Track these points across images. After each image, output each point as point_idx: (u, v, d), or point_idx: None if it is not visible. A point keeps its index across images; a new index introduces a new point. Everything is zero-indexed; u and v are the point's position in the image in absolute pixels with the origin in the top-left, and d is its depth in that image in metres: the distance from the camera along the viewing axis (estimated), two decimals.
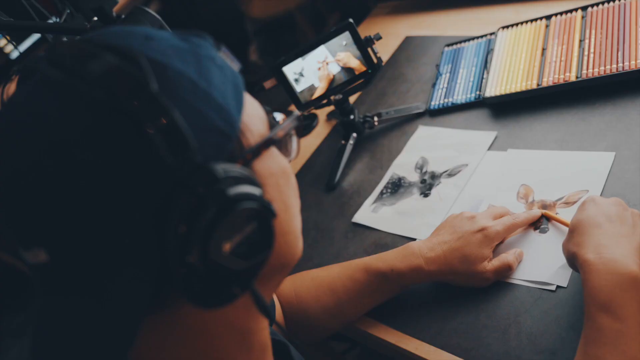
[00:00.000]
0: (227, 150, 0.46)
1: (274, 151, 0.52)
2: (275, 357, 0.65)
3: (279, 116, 0.55)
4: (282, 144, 0.54)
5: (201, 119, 0.44)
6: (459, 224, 0.90)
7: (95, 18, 0.73)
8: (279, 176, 0.52)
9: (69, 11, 0.93)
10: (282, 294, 0.98)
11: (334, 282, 0.95)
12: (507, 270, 0.89)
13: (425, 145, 1.23)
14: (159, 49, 0.46)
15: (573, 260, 0.75)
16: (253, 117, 0.51)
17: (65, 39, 0.84)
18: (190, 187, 0.41)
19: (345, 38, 1.21)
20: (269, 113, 0.55)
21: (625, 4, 1.14)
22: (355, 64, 1.23)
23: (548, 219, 0.93)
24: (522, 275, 0.89)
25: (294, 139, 0.57)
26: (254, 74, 1.27)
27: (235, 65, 0.52)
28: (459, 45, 1.40)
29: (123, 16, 0.73)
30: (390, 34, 1.64)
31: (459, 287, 0.92)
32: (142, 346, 0.49)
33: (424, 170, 1.18)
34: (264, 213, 0.45)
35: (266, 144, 0.50)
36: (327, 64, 1.24)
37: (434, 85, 1.34)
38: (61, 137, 0.42)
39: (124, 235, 0.42)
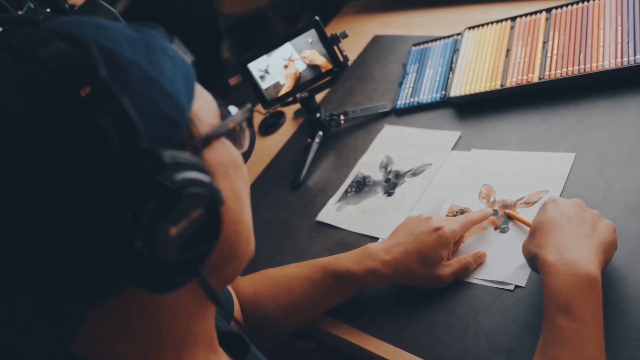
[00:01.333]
0: (177, 138, 0.46)
1: (224, 142, 0.52)
2: (230, 348, 0.65)
3: (233, 109, 0.55)
4: (233, 136, 0.54)
5: (150, 106, 0.45)
6: (415, 225, 0.90)
7: (48, 10, 0.71)
8: (229, 166, 0.52)
9: (31, 5, 0.91)
10: (242, 293, 0.98)
11: (291, 282, 0.95)
12: (464, 271, 0.89)
13: (390, 144, 1.23)
14: (110, 38, 0.46)
15: (533, 261, 0.76)
16: (204, 107, 0.51)
17: None
18: (138, 172, 0.42)
19: (311, 36, 1.20)
20: (222, 106, 0.55)
21: (588, 7, 1.16)
22: (321, 61, 1.22)
23: (509, 218, 0.94)
24: (481, 275, 0.89)
25: (246, 132, 0.57)
26: (226, 71, 1.26)
27: (187, 57, 0.52)
28: (426, 45, 1.40)
29: (76, 8, 0.72)
30: (358, 33, 1.64)
31: (419, 288, 0.92)
32: (85, 335, 0.48)
33: (388, 169, 1.18)
34: (211, 199, 0.45)
35: (216, 133, 0.50)
36: (292, 61, 1.23)
37: (400, 84, 1.34)
38: (9, 119, 0.41)
39: (72, 220, 0.41)
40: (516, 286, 0.86)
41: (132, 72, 0.45)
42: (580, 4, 1.18)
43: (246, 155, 0.76)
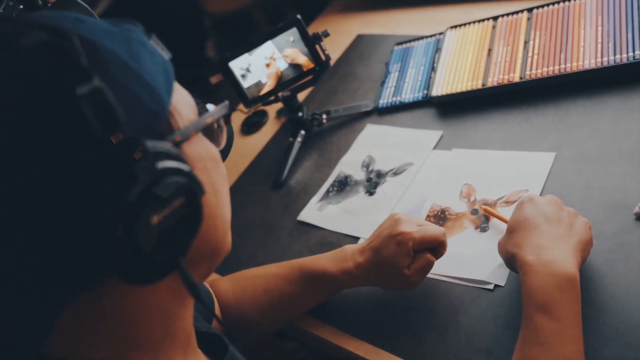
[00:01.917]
0: (157, 130, 0.46)
1: (202, 138, 0.53)
2: (209, 348, 0.65)
3: (211, 107, 0.56)
4: (211, 132, 0.55)
5: (131, 96, 0.45)
6: (387, 225, 0.88)
7: (22, 6, 0.71)
8: (208, 161, 0.52)
9: (10, 2, 0.90)
10: (221, 293, 0.97)
11: (269, 283, 0.95)
12: (429, 265, 0.85)
13: (372, 144, 1.23)
14: (89, 30, 0.46)
15: (512, 260, 0.76)
16: (182, 102, 0.51)
17: None
18: (119, 160, 0.41)
19: (292, 34, 1.19)
20: (200, 103, 0.55)
21: (569, 7, 1.16)
22: (303, 60, 1.21)
23: (488, 217, 0.94)
24: (461, 274, 0.89)
25: (224, 130, 0.57)
26: (211, 70, 1.26)
27: (165, 54, 0.53)
28: (408, 44, 1.40)
29: (50, 4, 0.71)
30: (342, 32, 1.63)
31: None
32: (60, 335, 0.47)
33: (370, 168, 1.17)
34: (192, 189, 0.45)
35: (195, 128, 0.50)
36: (274, 60, 1.22)
37: (382, 83, 1.34)
38: None
39: (50, 209, 0.41)
40: (496, 285, 0.86)
41: (112, 62, 0.45)
42: (561, 4, 1.18)
43: (225, 152, 0.75)
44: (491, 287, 0.86)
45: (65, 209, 0.41)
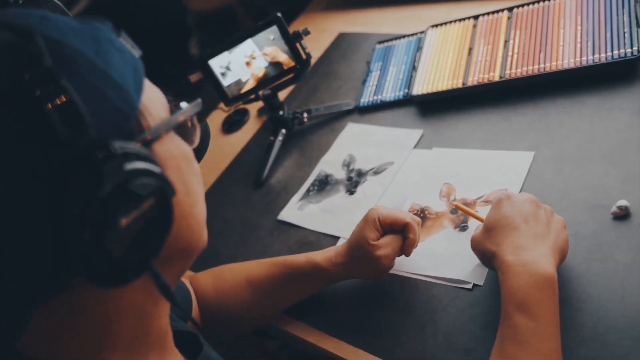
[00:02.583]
0: (126, 130, 0.46)
1: (175, 136, 0.52)
2: (184, 347, 0.65)
3: (184, 105, 0.55)
4: (184, 131, 0.54)
5: (98, 96, 0.44)
6: (368, 218, 0.88)
7: None
8: (180, 159, 0.52)
9: None
10: (201, 287, 0.96)
11: (251, 275, 0.94)
12: (394, 243, 0.86)
13: (353, 143, 1.22)
14: (55, 28, 0.45)
15: (490, 258, 0.76)
16: (153, 101, 0.50)
17: None
18: (85, 162, 0.41)
19: (272, 32, 1.18)
20: (172, 101, 0.54)
21: (549, 6, 1.16)
22: (284, 58, 1.21)
23: (467, 216, 0.94)
24: (440, 273, 0.89)
25: (197, 128, 0.57)
26: (194, 68, 1.24)
27: (135, 52, 0.52)
28: (390, 43, 1.40)
29: (20, 1, 0.69)
30: (324, 30, 1.63)
31: (378, 286, 0.92)
32: (33, 335, 0.47)
33: (350, 167, 1.17)
34: (162, 190, 0.45)
35: (166, 127, 0.50)
36: (254, 58, 1.21)
37: (364, 82, 1.34)
38: None
39: (15, 214, 0.41)
40: (474, 285, 0.86)
41: (78, 61, 0.44)
42: (541, 3, 1.18)
43: (201, 151, 0.75)
44: (470, 286, 0.86)
45: (30, 213, 0.41)
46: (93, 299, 0.48)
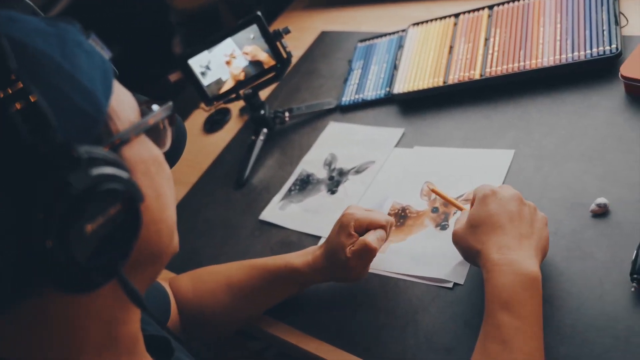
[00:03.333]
0: (94, 134, 0.45)
1: (145, 140, 0.51)
2: (156, 352, 0.63)
3: (156, 107, 0.54)
4: (154, 134, 0.53)
5: (65, 100, 0.43)
6: (343, 222, 0.87)
7: None
8: (150, 164, 0.51)
9: None
10: (181, 290, 0.96)
11: (230, 277, 0.94)
12: (365, 249, 0.84)
13: (334, 142, 1.22)
14: (21, 30, 0.44)
15: (474, 255, 0.76)
16: (123, 103, 0.49)
17: None
18: (50, 168, 0.40)
19: (252, 31, 1.18)
20: (144, 102, 0.53)
21: (529, 4, 1.16)
22: (264, 57, 1.20)
23: (448, 215, 0.93)
24: (421, 272, 0.89)
25: (168, 131, 0.55)
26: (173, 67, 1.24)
27: (105, 53, 0.51)
28: (371, 41, 1.39)
29: None
30: (306, 29, 1.62)
31: (359, 286, 0.92)
32: (1, 337, 0.47)
33: (332, 167, 1.16)
34: (129, 196, 0.44)
35: (135, 130, 0.49)
36: (234, 57, 1.20)
37: (345, 81, 1.33)
38: None
39: None
40: (455, 284, 0.85)
41: (44, 64, 0.43)
42: (521, 1, 1.18)
43: (177, 152, 0.74)
44: (450, 285, 0.86)
45: None
46: (60, 305, 0.47)
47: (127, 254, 0.46)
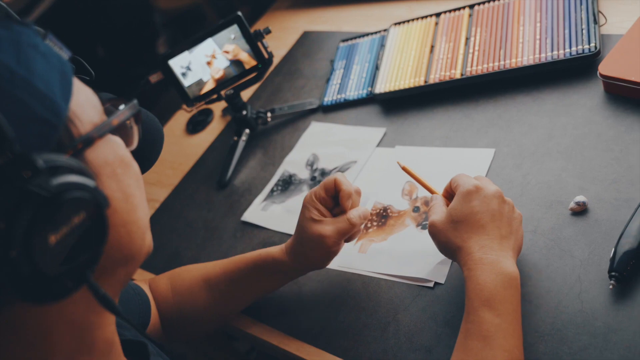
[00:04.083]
0: (54, 140, 0.44)
1: (110, 140, 0.50)
2: (132, 356, 0.63)
3: (122, 106, 0.53)
4: (119, 133, 0.52)
5: (20, 107, 0.42)
6: (304, 200, 0.88)
7: None
8: (116, 165, 0.50)
9: None
10: (159, 290, 0.95)
11: (208, 274, 0.93)
12: (345, 224, 0.84)
13: (317, 142, 1.22)
14: None
15: (453, 250, 0.76)
16: (84, 105, 0.48)
17: None
18: (8, 179, 0.39)
19: (233, 31, 1.17)
20: (110, 101, 0.53)
21: (509, 3, 1.17)
22: (245, 57, 1.19)
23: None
24: (402, 272, 0.89)
25: (135, 129, 0.55)
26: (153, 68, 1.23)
27: (64, 54, 0.49)
28: (353, 41, 1.39)
29: None
30: (288, 29, 1.62)
31: (340, 286, 0.91)
32: None
33: (314, 167, 1.16)
34: (94, 203, 0.43)
35: (99, 132, 0.48)
36: (215, 57, 1.20)
37: (327, 81, 1.33)
38: None
39: None
40: (436, 283, 0.85)
41: None
42: (501, 1, 1.19)
43: (154, 152, 0.73)
44: (431, 284, 0.86)
45: None
46: (32, 311, 0.46)
47: (95, 260, 0.45)
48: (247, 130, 1.29)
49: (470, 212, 0.76)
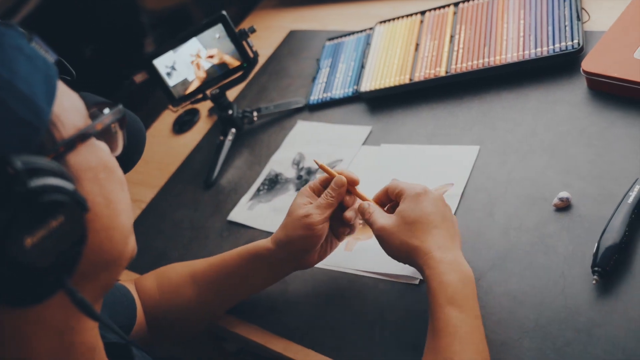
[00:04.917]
0: (35, 143, 0.43)
1: (93, 145, 0.50)
2: (119, 359, 0.63)
3: (106, 111, 0.52)
4: (104, 138, 0.52)
5: (2, 109, 0.42)
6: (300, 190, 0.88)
7: None
8: (99, 170, 0.49)
9: None
10: (145, 290, 0.94)
11: (195, 271, 0.92)
12: (324, 199, 0.84)
13: (303, 141, 1.22)
14: None
15: (410, 252, 0.76)
16: (68, 109, 0.48)
17: None
18: None
19: (218, 31, 1.17)
20: (96, 105, 0.52)
21: (493, 1, 1.17)
22: (228, 59, 1.19)
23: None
24: (388, 270, 0.89)
25: (119, 134, 0.54)
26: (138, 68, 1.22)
27: (50, 57, 0.49)
28: (339, 40, 1.39)
29: None
30: (275, 28, 1.61)
31: (326, 285, 0.91)
32: None
33: (300, 166, 1.16)
34: (72, 206, 0.43)
35: (82, 136, 0.48)
36: (199, 57, 1.19)
37: (313, 79, 1.33)
38: None
39: None
40: (421, 280, 0.86)
41: None
42: None
43: (135, 153, 0.72)
44: (417, 282, 0.86)
45: None
46: (10, 314, 0.46)
47: (73, 265, 0.45)
48: (233, 130, 1.29)
49: (422, 214, 0.77)
